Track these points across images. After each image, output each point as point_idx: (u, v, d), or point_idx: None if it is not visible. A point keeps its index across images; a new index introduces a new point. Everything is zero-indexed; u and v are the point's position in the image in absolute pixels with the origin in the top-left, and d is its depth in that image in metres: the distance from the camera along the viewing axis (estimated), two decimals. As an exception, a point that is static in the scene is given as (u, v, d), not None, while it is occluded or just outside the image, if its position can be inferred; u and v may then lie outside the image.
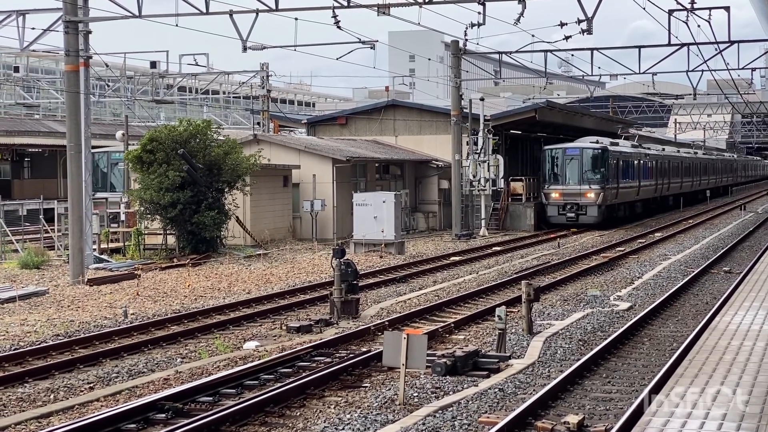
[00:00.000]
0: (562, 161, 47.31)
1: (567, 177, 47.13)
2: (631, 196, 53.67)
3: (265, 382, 15.26)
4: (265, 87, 53.53)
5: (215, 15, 28.69)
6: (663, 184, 61.90)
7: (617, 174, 49.31)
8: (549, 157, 47.85)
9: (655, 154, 60.95)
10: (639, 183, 54.39)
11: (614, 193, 48.98)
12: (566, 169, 47.18)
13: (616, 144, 51.74)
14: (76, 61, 29.01)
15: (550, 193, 47.49)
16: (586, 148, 47.48)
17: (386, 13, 28.30)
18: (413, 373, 14.94)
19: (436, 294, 25.62)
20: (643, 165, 55.90)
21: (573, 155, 47.37)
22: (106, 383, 15.58)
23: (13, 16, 30.90)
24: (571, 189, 46.86)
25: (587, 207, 46.72)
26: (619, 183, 49.61)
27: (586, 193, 46.60)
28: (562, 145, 48.76)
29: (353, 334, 19.21)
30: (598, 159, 47.30)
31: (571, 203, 46.86)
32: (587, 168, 47.06)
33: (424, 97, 78.74)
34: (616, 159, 49.21)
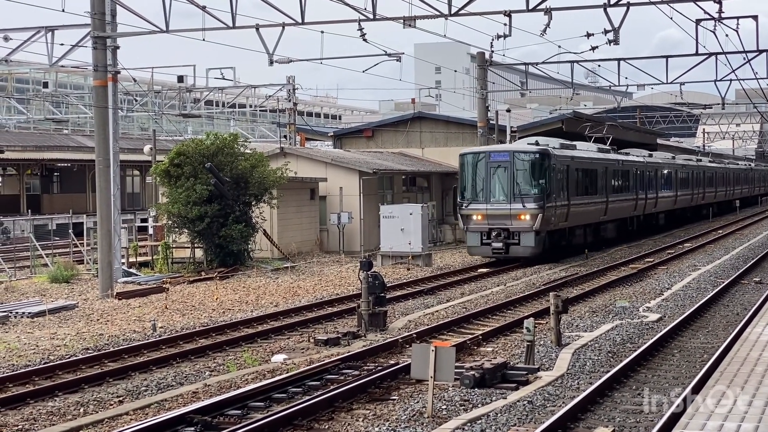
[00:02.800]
0: (485, 171, 35.07)
1: (492, 192, 35.04)
2: (594, 217, 41.31)
3: (293, 395, 15.25)
4: (291, 100, 53.72)
5: (242, 29, 28.83)
6: (649, 199, 50.57)
7: (567, 187, 37.21)
8: (467, 165, 35.64)
9: (637, 161, 49.53)
10: (606, 198, 42.27)
11: (562, 214, 36.71)
12: (491, 181, 35.09)
13: (571, 147, 40.26)
14: (104, 76, 29.22)
15: (469, 214, 35.34)
16: (518, 152, 35.38)
17: (412, 25, 28.33)
18: (441, 385, 14.89)
19: (464, 306, 25.55)
20: (616, 175, 44.75)
21: (500, 162, 35.04)
22: (135, 397, 15.63)
23: (42, 32, 31.18)
24: (497, 209, 34.77)
25: (521, 234, 34.53)
26: (571, 199, 37.46)
27: (519, 215, 34.46)
28: (484, 149, 37.75)
29: (381, 346, 19.17)
30: (536, 167, 35.17)
31: (498, 228, 34.70)
32: (521, 179, 34.99)
33: (450, 108, 78.75)
34: (565, 167, 37.18)
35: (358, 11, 27.72)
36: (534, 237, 34.48)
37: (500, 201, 34.85)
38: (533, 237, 34.47)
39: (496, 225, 34.79)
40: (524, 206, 34.43)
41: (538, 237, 34.68)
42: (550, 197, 35.29)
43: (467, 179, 35.58)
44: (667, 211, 56.86)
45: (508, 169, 34.90)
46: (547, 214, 34.85)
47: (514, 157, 35.08)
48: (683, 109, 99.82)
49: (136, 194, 74.50)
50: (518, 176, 35.00)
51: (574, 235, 39.61)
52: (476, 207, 35.13)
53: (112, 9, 29.15)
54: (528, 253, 34.75)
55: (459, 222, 37.04)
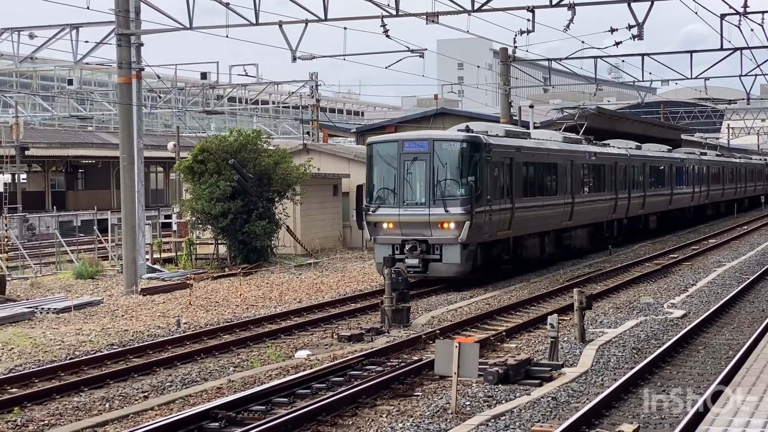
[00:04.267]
0: (398, 165, 27.55)
1: (406, 193, 27.52)
2: (553, 222, 33.64)
3: (317, 391, 15.28)
4: (314, 96, 53.80)
5: (265, 26, 28.88)
6: (634, 199, 43.03)
7: (511, 186, 29.68)
8: (376, 157, 28.28)
9: (617, 154, 41.73)
10: (572, 200, 34.97)
11: (503, 220, 28.93)
12: (405, 178, 27.53)
13: (521, 135, 33.32)
14: (128, 74, 29.34)
15: (378, 222, 27.74)
16: (439, 141, 27.71)
17: (435, 21, 28.31)
18: (465, 381, 14.89)
19: (487, 302, 25.51)
20: (587, 170, 37.53)
21: (416, 153, 27.54)
22: (160, 392, 15.70)
23: (67, 29, 31.35)
24: (412, 214, 27.22)
25: (443, 247, 27.02)
26: (517, 202, 29.74)
27: (440, 222, 26.98)
28: (396, 136, 31.36)
29: (404, 342, 19.19)
30: (464, 159, 27.51)
31: (414, 240, 27.11)
32: (443, 176, 27.39)
33: (473, 104, 78.62)
34: (507, 160, 29.50)
35: (381, 7, 27.73)
36: (460, 251, 26.80)
37: (416, 204, 27.28)
38: (459, 251, 26.78)
39: (411, 235, 27.12)
40: (447, 211, 26.78)
41: (466, 251, 27.02)
42: (483, 199, 27.42)
43: (375, 176, 28.08)
44: (660, 212, 49.00)
45: (428, 163, 27.16)
46: (477, 221, 27.06)
47: (434, 146, 27.30)
48: (707, 104, 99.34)
49: (160, 191, 74.87)
50: (440, 172, 27.21)
51: (524, 246, 31.44)
52: (386, 212, 27.50)
53: (136, 6, 29.25)
54: (453, 272, 27.04)
55: (364, 231, 28.93)
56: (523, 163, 30.99)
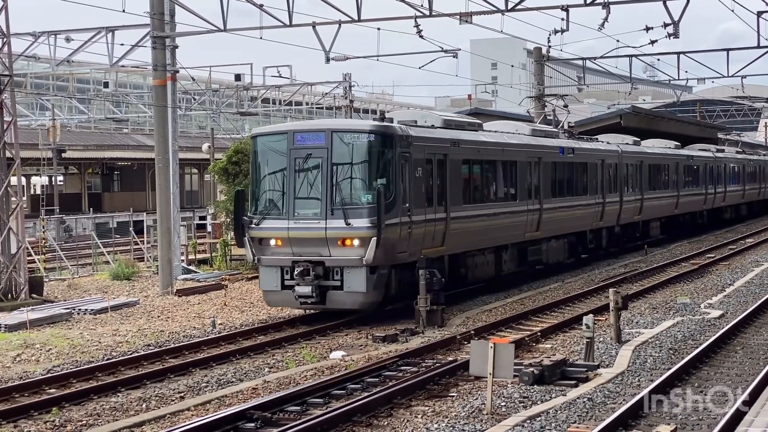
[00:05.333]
0: (289, 164, 21.93)
1: (298, 200, 21.84)
2: (514, 234, 27.87)
3: (352, 392, 15.30)
4: (347, 97, 53.82)
5: (298, 27, 28.94)
6: (627, 204, 37.31)
7: (445, 189, 23.96)
8: (261, 154, 22.77)
9: (602, 150, 36.12)
10: (540, 206, 29.27)
11: (431, 234, 23.18)
12: (296, 181, 21.93)
13: (464, 126, 26.86)
14: (163, 76, 29.51)
15: (263, 238, 22.16)
16: (340, 132, 21.96)
17: (468, 21, 28.24)
18: (500, 382, 14.85)
19: (522, 302, 25.44)
20: (560, 170, 31.72)
21: (311, 149, 21.85)
22: (196, 393, 15.78)
23: (103, 32, 31.61)
24: (305, 228, 21.59)
25: (344, 271, 21.41)
26: (452, 210, 24.05)
27: (341, 238, 21.36)
28: (287, 126, 24.06)
29: (439, 343, 19.18)
30: (372, 157, 21.89)
31: (307, 261, 21.52)
32: (345, 178, 21.72)
33: (506, 104, 78.43)
34: (439, 156, 23.87)
35: (415, 8, 27.70)
36: (366, 276, 21.12)
37: (311, 216, 21.52)
38: (364, 276, 21.10)
39: (304, 255, 21.46)
40: (348, 224, 21.06)
41: (375, 276, 21.31)
42: (398, 207, 21.67)
43: (260, 178, 22.58)
44: (664, 217, 43.64)
45: (324, 161, 21.54)
46: (389, 237, 21.22)
47: (332, 139, 21.57)
48: (744, 102, 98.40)
49: (195, 192, 75.27)
50: (340, 173, 21.58)
51: (467, 266, 25.60)
52: (273, 225, 21.92)
53: (171, 9, 29.42)
54: (357, 303, 21.46)
55: (246, 251, 22.69)
56: (464, 161, 25.05)
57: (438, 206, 23.60)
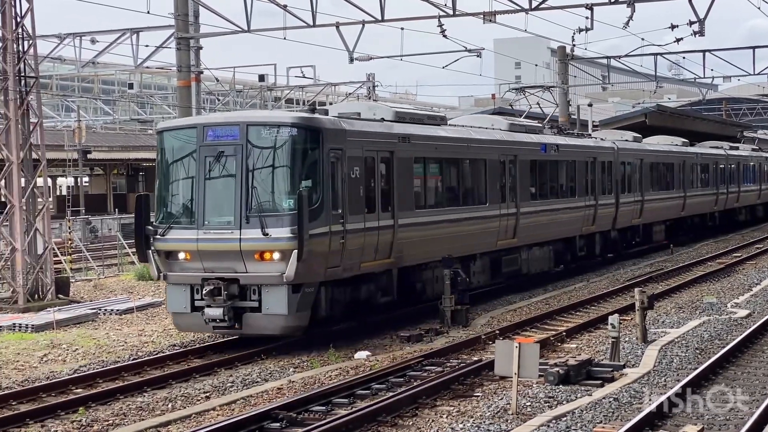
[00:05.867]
0: (198, 164, 18.98)
1: (208, 206, 18.88)
2: (484, 242, 24.95)
3: (376, 392, 15.30)
4: (371, 97, 53.87)
5: (322, 27, 28.99)
6: (624, 206, 34.41)
7: (391, 193, 20.99)
8: (168, 152, 19.74)
9: (589, 147, 32.83)
10: (516, 210, 26.29)
11: (374, 245, 20.27)
12: (206, 184, 18.91)
13: (421, 120, 23.49)
14: (187, 77, 29.62)
15: (170, 251, 19.19)
16: (256, 126, 18.89)
17: (492, 20, 28.20)
18: (525, 382, 14.82)
19: (547, 302, 25.37)
20: (541, 167, 28.57)
21: (224, 145, 18.86)
22: (221, 393, 15.83)
23: (128, 34, 31.78)
24: (216, 239, 18.64)
25: (263, 290, 18.40)
26: (400, 216, 21.11)
27: (258, 251, 18.42)
28: (195, 120, 21.29)
29: (463, 343, 19.16)
30: (295, 155, 18.87)
31: (218, 279, 18.51)
32: (262, 180, 18.77)
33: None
34: (380, 155, 20.77)
35: (438, 7, 27.70)
36: (287, 296, 18.11)
37: (223, 224, 18.57)
38: (285, 296, 18.10)
39: (217, 271, 18.52)
40: (266, 234, 18.11)
41: (299, 296, 18.28)
42: (327, 214, 18.69)
43: (166, 180, 19.61)
44: (669, 220, 40.41)
45: (239, 160, 18.58)
46: (316, 249, 18.25)
47: (248, 134, 18.62)
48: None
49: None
50: (257, 173, 18.59)
51: (424, 280, 22.58)
52: (180, 236, 18.88)
53: (195, 10, 29.51)
54: (279, 328, 18.47)
55: (150, 267, 19.79)
56: (416, 159, 22.18)
57: (383, 212, 20.53)
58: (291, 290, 18.24)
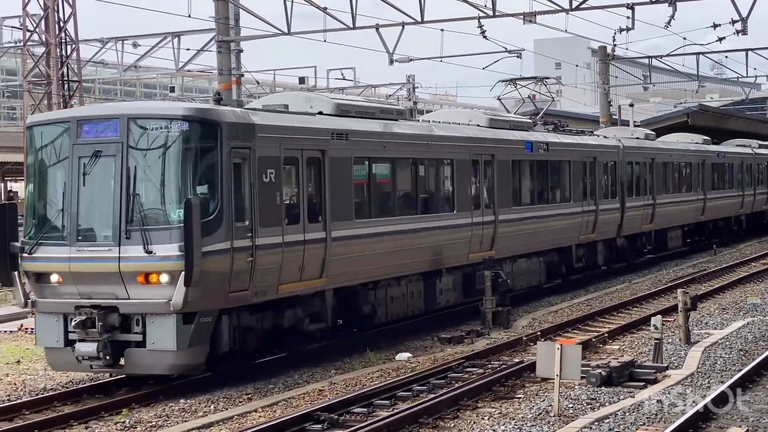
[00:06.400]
0: (71, 165, 15.77)
1: (83, 217, 15.71)
2: (451, 256, 21.77)
3: (418, 393, 15.30)
4: (411, 99, 53.87)
5: (362, 29, 29.02)
6: (630, 211, 31.18)
7: (321, 200, 18.00)
8: (38, 151, 16.52)
9: (587, 145, 29.43)
10: (495, 218, 23.33)
11: (286, 264, 16.79)
12: (81, 190, 15.70)
13: (367, 113, 20.21)
14: (228, 80, 29.78)
15: (43, 274, 16.05)
16: (141, 119, 15.77)
17: (532, 21, 28.09)
18: (567, 383, 14.75)
19: (588, 303, 25.25)
20: (524, 168, 25.51)
21: (102, 143, 15.72)
22: (263, 394, 15.89)
23: (169, 38, 32.04)
24: (92, 258, 15.47)
25: (147, 320, 15.24)
26: (333, 228, 18.02)
27: (142, 273, 15.32)
28: (69, 113, 18.40)
29: (505, 344, 19.11)
30: (188, 155, 15.71)
31: (94, 306, 15.34)
32: (147, 186, 15.71)
33: (571, 104, 77.80)
34: (304, 154, 17.54)
35: (478, 8, 27.64)
36: (176, 328, 15.11)
37: (100, 240, 15.62)
38: (173, 328, 15.09)
39: (94, 297, 15.52)
40: (151, 251, 15.14)
41: (192, 328, 15.27)
42: (229, 226, 15.60)
43: (35, 186, 16.48)
44: (687, 225, 37.50)
45: (119, 161, 15.56)
46: (214, 269, 15.29)
47: (130, 130, 15.57)
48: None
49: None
50: (140, 177, 15.55)
51: (364, 301, 19.34)
52: (50, 254, 15.82)
53: (235, 13, 29.66)
54: (166, 366, 15.46)
55: (15, 292, 16.73)
56: (356, 159, 18.84)
57: (311, 223, 17.43)
58: (181, 320, 15.12)
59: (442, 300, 21.92)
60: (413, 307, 20.90)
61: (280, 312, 17.17)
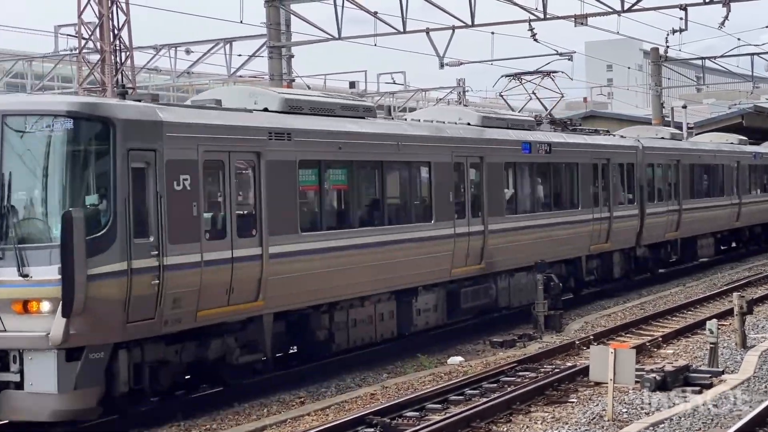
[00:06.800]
0: None
1: None
2: (429, 273, 19.37)
3: (470, 397, 15.27)
4: (461, 102, 53.83)
5: (412, 33, 29.07)
6: (651, 217, 28.69)
7: (257, 209, 15.42)
8: None
9: (596, 145, 26.60)
10: (484, 228, 20.86)
11: (207, 287, 14.20)
12: None
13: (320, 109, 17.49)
14: (279, 85, 29.98)
15: None
16: (14, 115, 13.30)
17: (584, 23, 27.98)
18: (621, 388, 14.64)
19: (641, 307, 25.05)
20: (520, 170, 22.93)
21: None
22: (315, 398, 15.96)
23: (221, 44, 32.32)
24: None
25: (24, 357, 12.74)
26: (272, 242, 15.38)
27: (19, 301, 12.78)
28: None
29: (557, 348, 19.01)
30: (74, 158, 13.21)
31: None
32: (24, 192, 13.32)
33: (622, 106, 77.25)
34: (216, 157, 14.71)
35: (529, 11, 27.60)
36: (57, 367, 12.73)
37: None
38: (54, 367, 12.72)
39: None
40: (27, 274, 12.79)
41: (77, 366, 12.86)
42: (120, 245, 13.12)
43: None
44: (721, 231, 34.95)
45: None
46: (106, 295, 12.97)
47: (4, 130, 13.22)
48: None
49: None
50: (15, 185, 13.19)
51: (317, 326, 16.96)
52: None
53: (286, 19, 29.89)
54: (48, 412, 12.80)
55: None
56: (302, 163, 16.30)
57: (241, 237, 14.89)
58: (63, 357, 12.66)
59: (420, 321, 19.31)
60: (383, 330, 18.36)
61: (205, 342, 14.66)
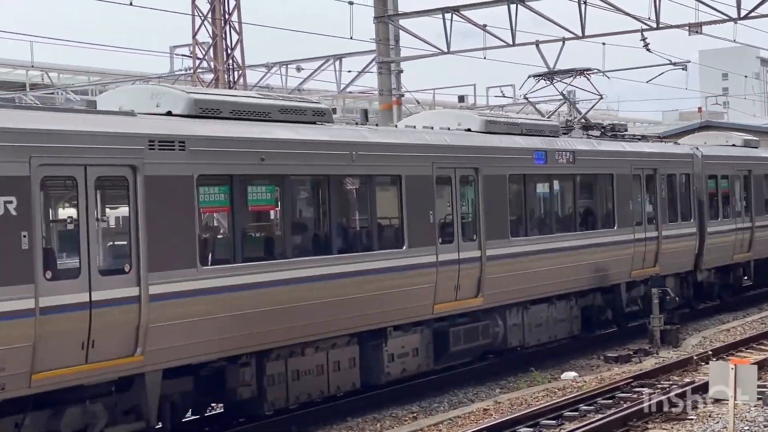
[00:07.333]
0: None
1: None
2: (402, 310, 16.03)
3: (585, 414, 15.04)
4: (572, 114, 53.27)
5: (521, 46, 28.91)
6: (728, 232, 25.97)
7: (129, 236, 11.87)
8: None
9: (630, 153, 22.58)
10: (481, 252, 17.48)
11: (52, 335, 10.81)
12: None
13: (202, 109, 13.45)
14: (389, 100, 30.14)
15: None
16: None
17: (698, 32, 27.42)
18: (743, 405, 14.22)
19: (762, 322, 24.34)
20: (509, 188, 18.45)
21: None
22: (428, 413, 15.92)
23: (331, 60, 32.65)
24: None
25: None
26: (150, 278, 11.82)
27: None
28: None
29: (674, 363, 18.60)
30: None
31: None
32: None
33: (739, 116, 75.43)
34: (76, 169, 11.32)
35: (641, 21, 27.17)
36: None
37: None
38: None
39: None
40: None
41: None
42: None
43: None
44: None
45: None
46: None
47: None
48: None
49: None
50: None
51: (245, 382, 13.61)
52: None
53: (395, 34, 30.03)
54: None
55: None
56: (203, 179, 12.98)
57: (107, 275, 11.62)
58: None
59: (395, 369, 16.08)
60: (341, 382, 15.10)
61: (59, 411, 11.35)
